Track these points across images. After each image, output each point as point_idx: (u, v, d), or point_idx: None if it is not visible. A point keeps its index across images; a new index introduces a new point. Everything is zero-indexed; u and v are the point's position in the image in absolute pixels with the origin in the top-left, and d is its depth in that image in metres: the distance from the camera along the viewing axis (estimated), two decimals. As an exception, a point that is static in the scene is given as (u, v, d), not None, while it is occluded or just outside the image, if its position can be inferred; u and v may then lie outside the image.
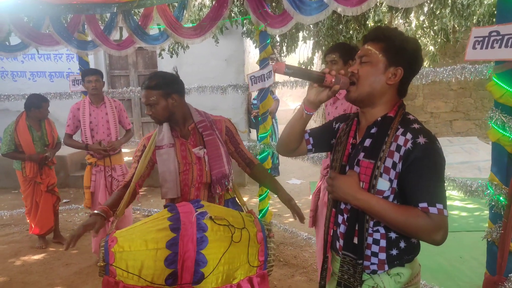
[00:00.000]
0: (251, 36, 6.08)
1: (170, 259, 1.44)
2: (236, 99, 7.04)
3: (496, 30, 1.89)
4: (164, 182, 1.82)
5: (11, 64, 7.21)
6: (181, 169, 1.83)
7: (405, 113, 1.26)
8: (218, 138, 1.88)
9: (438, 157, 1.15)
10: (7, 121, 3.94)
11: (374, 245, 1.24)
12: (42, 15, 4.06)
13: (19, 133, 3.78)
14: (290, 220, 4.65)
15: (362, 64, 1.25)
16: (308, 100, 1.31)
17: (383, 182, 1.19)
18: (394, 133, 1.19)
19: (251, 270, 1.55)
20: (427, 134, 1.16)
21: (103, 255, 1.43)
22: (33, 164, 3.84)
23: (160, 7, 3.72)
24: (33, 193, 3.94)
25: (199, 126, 1.88)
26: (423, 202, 1.12)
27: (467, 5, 4.84)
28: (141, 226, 1.54)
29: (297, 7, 2.95)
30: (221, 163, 1.85)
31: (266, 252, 1.58)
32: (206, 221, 1.51)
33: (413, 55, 1.22)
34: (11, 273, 3.46)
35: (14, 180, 6.56)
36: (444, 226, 1.12)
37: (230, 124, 1.99)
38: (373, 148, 1.22)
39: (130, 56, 7.35)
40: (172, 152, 1.83)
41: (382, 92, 1.23)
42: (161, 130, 1.88)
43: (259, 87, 3.60)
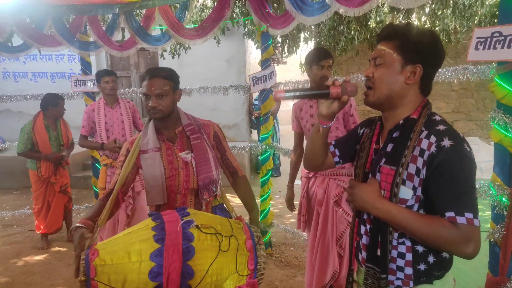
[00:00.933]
0: (253, 37, 6.09)
1: (155, 271, 1.35)
2: (238, 100, 7.05)
3: (498, 31, 1.89)
4: (150, 188, 1.73)
5: (13, 65, 7.23)
6: (167, 174, 1.73)
7: (431, 114, 1.16)
8: (206, 142, 1.80)
9: (466, 160, 1.04)
10: (9, 121, 3.96)
11: (400, 258, 1.15)
12: (44, 16, 4.07)
13: (36, 132, 3.82)
14: (291, 221, 4.65)
15: (377, 67, 1.16)
16: (321, 114, 1.26)
17: (405, 190, 1.10)
18: (417, 136, 1.11)
19: (240, 279, 1.46)
20: (454, 136, 1.06)
21: (84, 269, 1.32)
22: (49, 164, 3.87)
23: (162, 8, 3.73)
24: (45, 193, 3.97)
25: (187, 130, 1.79)
26: (450, 211, 1.03)
27: (469, 6, 4.84)
28: (123, 237, 1.44)
29: (299, 8, 2.95)
30: (209, 168, 1.76)
31: (256, 260, 1.50)
32: (193, 230, 1.42)
33: (432, 48, 1.12)
34: (13, 274, 3.46)
35: (16, 180, 6.63)
36: (474, 237, 1.02)
37: (219, 129, 1.91)
38: (394, 153, 1.14)
39: (131, 57, 7.36)
40: (158, 157, 1.73)
41: (402, 93, 1.14)
42: (146, 134, 1.77)
43: (261, 87, 3.60)
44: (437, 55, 1.14)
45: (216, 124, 1.92)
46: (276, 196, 5.66)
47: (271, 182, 3.80)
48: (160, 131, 1.79)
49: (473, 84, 8.03)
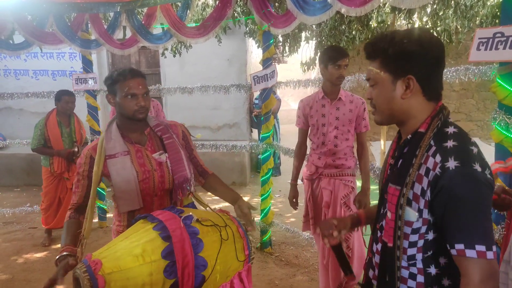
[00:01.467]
0: (254, 36, 6.09)
1: (169, 269, 1.35)
2: (238, 99, 7.04)
3: (500, 31, 1.90)
4: (122, 193, 1.65)
5: (14, 63, 7.22)
6: (140, 178, 1.66)
7: (444, 124, 1.04)
8: (176, 141, 1.78)
9: (474, 183, 0.93)
10: (10, 119, 3.97)
11: (411, 280, 1.07)
12: (45, 14, 4.07)
13: (49, 128, 3.86)
14: (291, 220, 4.66)
15: (372, 87, 1.13)
16: None
17: (410, 212, 1.03)
18: (423, 152, 1.02)
19: (239, 265, 1.55)
20: (462, 155, 0.95)
21: (90, 281, 1.26)
22: (61, 160, 3.90)
23: (163, 7, 3.73)
24: (56, 189, 4.01)
25: (157, 130, 1.76)
26: (459, 243, 0.94)
27: (470, 6, 4.84)
28: (122, 242, 1.40)
29: (301, 7, 2.95)
30: (183, 166, 1.73)
31: (249, 245, 1.59)
32: (194, 224, 1.46)
33: (419, 54, 1.02)
34: (14, 271, 3.47)
35: (16, 178, 6.63)
36: (492, 273, 0.92)
37: (185, 129, 1.89)
38: (400, 171, 1.07)
39: (133, 55, 7.36)
40: (128, 160, 1.65)
41: (404, 108, 1.07)
42: (110, 137, 1.69)
43: (262, 87, 3.61)
44: (431, 56, 1.03)
45: (182, 124, 1.90)
46: (276, 195, 5.66)
47: (272, 181, 3.80)
48: (125, 134, 1.73)
49: (473, 85, 8.03)
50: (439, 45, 1.05)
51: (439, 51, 1.04)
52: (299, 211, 5.00)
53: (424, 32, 1.05)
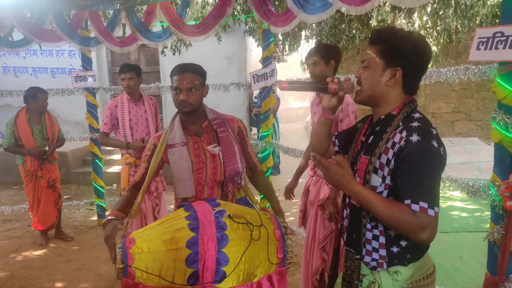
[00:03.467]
0: (254, 35, 6.08)
1: (191, 258, 1.42)
2: (238, 98, 7.04)
3: (500, 31, 1.89)
4: (178, 181, 1.78)
5: (13, 60, 7.21)
6: (195, 168, 1.78)
7: (412, 111, 1.25)
8: (231, 135, 1.86)
9: (429, 155, 1.13)
10: (9, 116, 3.94)
11: (374, 240, 1.26)
12: (45, 11, 4.06)
13: (18, 126, 3.78)
14: (291, 219, 4.66)
15: (364, 69, 1.28)
16: (323, 106, 1.42)
17: (376, 178, 1.21)
18: (393, 130, 1.21)
19: (270, 267, 1.55)
20: (423, 132, 1.15)
21: (121, 256, 1.38)
22: (33, 159, 3.82)
23: (163, 4, 3.72)
24: (34, 189, 3.94)
25: (214, 123, 1.85)
26: (407, 198, 1.13)
27: (471, 6, 4.84)
28: (158, 226, 1.51)
29: (301, 6, 2.95)
30: (235, 160, 1.82)
31: (284, 249, 1.58)
32: (225, 219, 1.49)
33: (413, 52, 1.20)
34: (13, 268, 3.47)
35: (15, 175, 6.60)
36: (429, 226, 1.11)
37: (242, 124, 1.97)
38: (371, 145, 1.26)
39: (132, 53, 7.35)
40: (185, 151, 1.78)
41: (384, 93, 1.25)
42: (172, 128, 1.83)
43: (261, 85, 3.60)
44: (419, 58, 1.22)
45: (240, 120, 1.99)
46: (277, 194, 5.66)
47: (271, 180, 3.80)
48: (186, 125, 1.84)
49: (473, 84, 8.04)
50: (429, 54, 1.26)
51: (426, 58, 1.24)
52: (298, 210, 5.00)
53: (422, 39, 1.24)
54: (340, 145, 1.54)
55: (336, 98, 1.37)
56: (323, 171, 1.26)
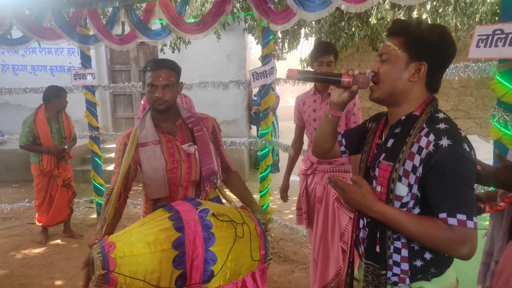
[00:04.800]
0: (253, 32, 6.07)
1: (178, 259, 1.37)
2: (237, 96, 7.03)
3: (500, 29, 1.89)
4: (150, 181, 1.71)
5: (12, 58, 7.19)
6: (169, 167, 1.71)
7: (435, 111, 1.14)
8: (206, 134, 1.81)
9: (463, 160, 1.02)
10: (8, 115, 3.94)
11: (396, 254, 1.15)
12: (44, 9, 4.05)
13: (38, 125, 3.78)
14: (290, 217, 4.66)
15: (383, 63, 1.16)
16: (331, 101, 1.30)
17: (401, 187, 1.10)
18: (417, 133, 1.10)
19: (253, 264, 1.54)
20: (453, 135, 1.04)
21: (102, 262, 1.29)
22: (51, 157, 3.83)
23: (162, 2, 3.71)
24: (47, 187, 3.93)
25: (188, 122, 1.79)
26: (442, 212, 1.02)
27: (470, 3, 4.84)
28: (138, 228, 1.44)
29: (300, 3, 2.94)
30: (211, 159, 1.77)
31: (266, 245, 1.57)
32: (209, 218, 1.46)
33: (439, 46, 1.10)
34: (12, 266, 3.47)
35: (15, 173, 6.62)
36: (469, 239, 1.00)
37: (216, 123, 1.92)
38: (393, 149, 1.14)
39: (131, 51, 7.33)
40: (158, 149, 1.71)
41: (406, 90, 1.14)
42: (143, 126, 1.75)
43: (261, 83, 3.60)
44: (445, 52, 1.11)
45: (213, 118, 1.93)
46: (275, 192, 5.66)
47: (270, 178, 3.80)
48: (158, 124, 1.78)
49: (472, 82, 8.03)
50: (455, 48, 1.14)
51: (453, 52, 1.13)
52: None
53: (448, 33, 1.13)
54: (347, 145, 1.43)
55: (348, 92, 1.25)
56: (340, 193, 1.17)
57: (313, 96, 2.61)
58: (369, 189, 1.13)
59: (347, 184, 1.15)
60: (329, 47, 2.46)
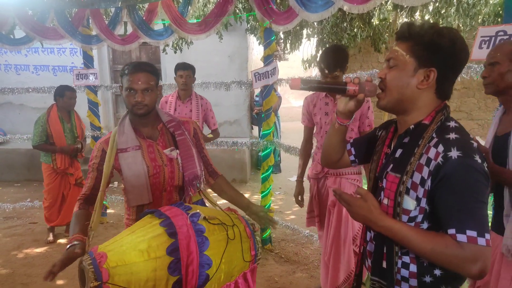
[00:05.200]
0: (255, 33, 6.07)
1: (173, 266, 1.35)
2: (239, 96, 7.04)
3: (503, 30, 1.89)
4: (132, 188, 1.66)
5: (14, 58, 7.21)
6: (151, 173, 1.67)
7: (446, 119, 1.08)
8: (188, 138, 1.77)
9: (474, 173, 0.96)
10: (10, 114, 3.94)
11: (404, 269, 1.10)
12: (46, 9, 4.06)
13: (51, 124, 3.80)
14: (291, 217, 4.67)
15: (390, 68, 1.11)
16: (338, 110, 1.26)
17: (409, 200, 1.05)
18: (426, 143, 1.05)
19: (245, 265, 1.54)
20: (463, 147, 0.99)
21: (94, 273, 1.26)
22: (64, 156, 3.85)
23: (165, 2, 3.72)
24: (59, 186, 3.94)
25: (169, 126, 1.75)
26: (451, 228, 0.97)
27: (473, 5, 4.83)
28: (128, 236, 1.40)
29: (303, 4, 2.94)
30: (193, 164, 1.73)
31: (256, 246, 1.57)
32: (201, 221, 1.45)
33: (449, 51, 1.04)
34: (14, 266, 3.48)
35: (16, 173, 6.63)
36: (480, 257, 0.94)
37: (198, 126, 1.88)
38: (401, 160, 1.09)
39: (133, 51, 7.35)
40: (139, 155, 1.66)
41: (414, 97, 1.09)
42: (123, 131, 1.69)
43: (263, 84, 3.60)
44: (456, 58, 1.06)
45: (194, 121, 1.90)
46: (277, 192, 5.67)
47: (272, 178, 3.80)
48: (138, 128, 1.73)
49: (475, 84, 8.02)
50: (467, 53, 1.08)
51: (465, 58, 1.07)
52: (298, 209, 5.01)
53: (460, 35, 1.07)
54: (356, 154, 1.38)
55: (354, 101, 1.19)
56: (346, 207, 1.14)
57: (324, 99, 2.58)
58: (375, 203, 1.09)
59: (352, 198, 1.12)
60: (335, 62, 2.37)
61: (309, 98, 2.70)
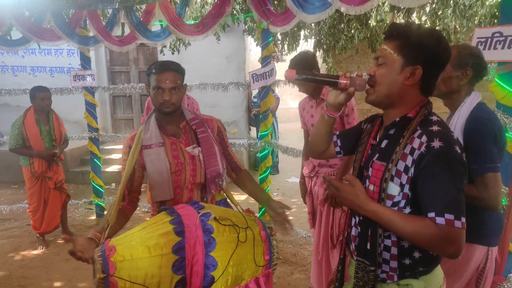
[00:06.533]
0: (253, 34, 6.08)
1: (178, 264, 1.35)
2: (237, 97, 7.04)
3: (499, 31, 1.90)
4: (154, 184, 1.69)
5: (11, 59, 7.20)
6: (173, 169, 1.70)
7: (429, 114, 1.17)
8: (211, 136, 1.80)
9: (454, 162, 1.05)
10: (7, 115, 3.92)
11: (385, 252, 1.19)
12: (43, 10, 4.05)
13: (27, 126, 3.70)
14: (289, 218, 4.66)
15: (379, 66, 1.19)
16: (328, 102, 1.32)
17: (393, 186, 1.13)
18: (410, 134, 1.13)
19: (257, 270, 1.50)
20: (445, 137, 1.08)
21: (102, 265, 1.29)
22: (42, 160, 3.74)
23: (162, 3, 3.72)
24: (40, 190, 3.85)
25: (192, 124, 1.78)
26: (431, 211, 1.05)
27: (469, 6, 4.85)
28: (139, 232, 1.43)
29: (300, 5, 2.95)
30: (216, 161, 1.75)
31: (271, 250, 1.53)
32: (211, 222, 1.44)
33: (434, 50, 1.12)
34: (11, 268, 3.46)
35: (14, 174, 6.60)
36: (456, 239, 1.03)
37: (221, 124, 1.91)
38: (387, 150, 1.18)
39: (131, 52, 7.34)
40: (162, 151, 1.70)
41: (401, 93, 1.17)
42: (148, 129, 1.74)
43: (260, 85, 3.60)
44: (440, 57, 1.14)
45: (218, 120, 1.92)
46: (275, 193, 5.67)
47: (270, 179, 3.80)
48: (163, 126, 1.77)
49: (472, 84, 8.05)
50: (450, 53, 1.17)
51: (447, 57, 1.16)
52: (296, 210, 5.00)
53: (444, 37, 1.16)
54: (342, 145, 1.47)
55: (344, 94, 1.26)
56: (335, 192, 1.22)
57: (309, 102, 2.64)
58: (362, 188, 1.17)
59: (341, 184, 1.20)
60: (296, 67, 2.40)
61: (301, 102, 2.76)
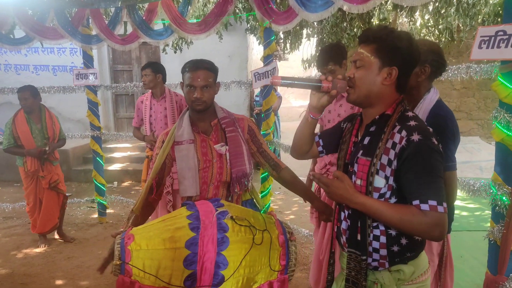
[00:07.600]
0: (255, 33, 6.07)
1: (189, 259, 1.37)
2: (239, 96, 7.04)
3: (503, 30, 1.89)
4: (183, 179, 1.74)
5: (14, 57, 7.22)
6: (201, 166, 1.74)
7: (405, 110, 1.26)
8: (240, 136, 1.81)
9: (432, 152, 1.14)
10: (10, 114, 3.91)
11: (375, 241, 1.26)
12: (46, 9, 4.06)
13: (17, 125, 3.69)
14: (290, 217, 4.66)
15: (357, 68, 1.26)
16: (311, 105, 1.38)
17: (379, 179, 1.21)
18: (390, 130, 1.21)
19: (272, 274, 1.48)
20: (422, 131, 1.16)
21: (119, 252, 1.35)
22: (34, 158, 3.72)
23: (164, 2, 3.72)
24: (35, 190, 3.84)
25: (222, 122, 1.81)
26: (415, 199, 1.13)
27: (472, 5, 4.83)
28: (158, 224, 1.47)
29: (303, 4, 2.94)
30: (242, 161, 1.78)
31: (288, 256, 1.51)
32: (227, 221, 1.45)
33: (408, 52, 1.21)
34: (13, 266, 3.48)
35: (16, 173, 6.54)
36: (440, 223, 1.11)
37: (253, 123, 1.91)
38: (370, 146, 1.26)
39: (133, 51, 7.35)
40: (192, 148, 1.75)
41: (380, 92, 1.25)
42: (181, 125, 1.79)
43: (262, 83, 3.60)
44: (413, 57, 1.23)
45: (250, 119, 1.94)
46: (276, 192, 5.67)
47: (271, 178, 3.80)
48: (195, 123, 1.81)
49: (474, 83, 8.02)
50: (420, 53, 1.26)
51: (418, 57, 1.26)
52: (298, 209, 5.01)
53: (414, 39, 1.25)
54: (324, 145, 1.54)
55: (327, 96, 1.33)
56: (324, 188, 1.28)
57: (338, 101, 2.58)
58: (350, 183, 1.24)
59: (330, 180, 1.27)
60: (327, 56, 2.40)
61: None
